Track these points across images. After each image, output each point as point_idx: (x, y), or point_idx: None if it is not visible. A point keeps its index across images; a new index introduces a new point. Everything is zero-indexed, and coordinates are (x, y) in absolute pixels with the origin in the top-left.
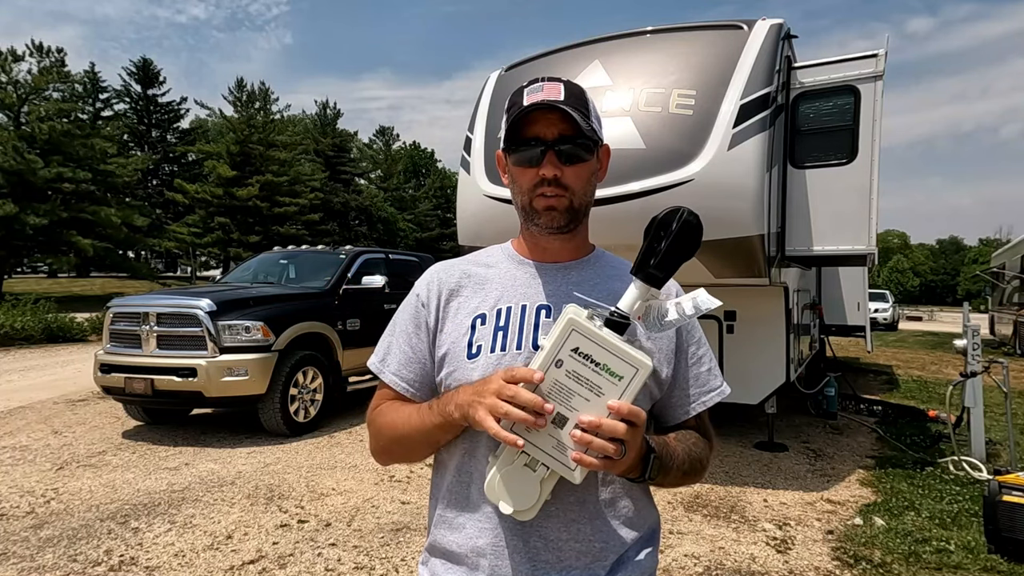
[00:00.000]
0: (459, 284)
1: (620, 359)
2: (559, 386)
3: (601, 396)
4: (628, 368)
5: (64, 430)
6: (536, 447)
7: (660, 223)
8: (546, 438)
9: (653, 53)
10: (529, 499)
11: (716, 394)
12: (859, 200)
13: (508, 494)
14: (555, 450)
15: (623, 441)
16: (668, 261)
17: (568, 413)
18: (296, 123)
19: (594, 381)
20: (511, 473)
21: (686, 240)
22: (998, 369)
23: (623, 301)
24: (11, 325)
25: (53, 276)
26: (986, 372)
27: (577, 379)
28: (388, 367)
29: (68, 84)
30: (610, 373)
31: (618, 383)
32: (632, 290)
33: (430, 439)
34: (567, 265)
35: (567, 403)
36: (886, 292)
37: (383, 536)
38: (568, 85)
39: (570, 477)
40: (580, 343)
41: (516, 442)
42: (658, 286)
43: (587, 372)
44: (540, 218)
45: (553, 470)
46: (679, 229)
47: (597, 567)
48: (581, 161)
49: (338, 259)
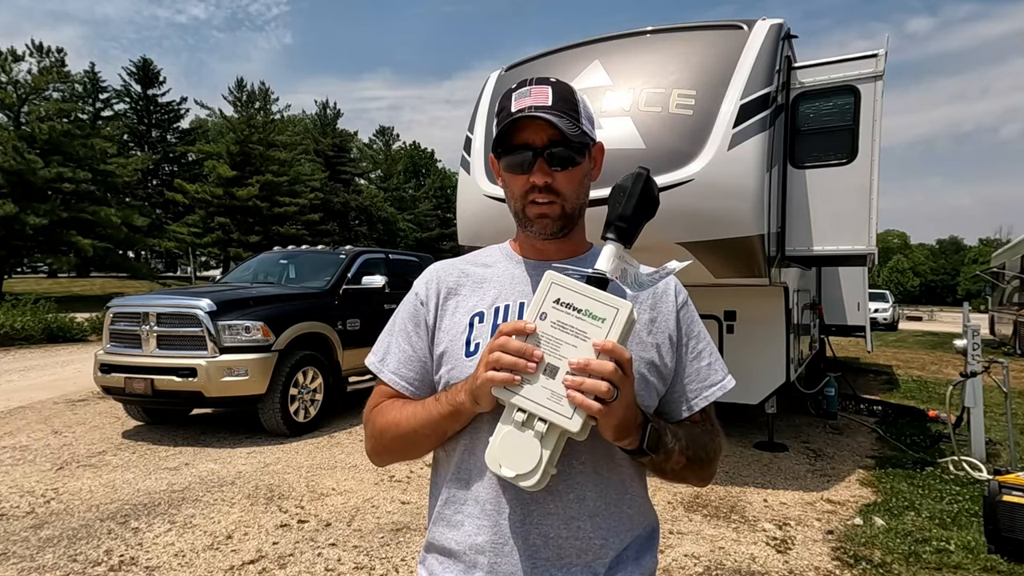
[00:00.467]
0: (457, 283)
1: (600, 302)
2: (546, 337)
3: (587, 340)
4: (608, 310)
5: (64, 430)
6: (531, 400)
7: (618, 186)
8: (540, 390)
9: (653, 53)
10: (529, 461)
11: (718, 388)
12: (859, 200)
13: (507, 457)
14: (550, 401)
15: (614, 384)
16: (632, 214)
17: (558, 362)
18: (296, 123)
19: (578, 327)
20: (510, 435)
21: (645, 194)
22: (998, 369)
23: (599, 261)
24: (11, 325)
25: (53, 276)
26: (986, 372)
27: (562, 327)
28: (387, 366)
29: (68, 84)
30: (592, 317)
31: (601, 325)
32: (606, 249)
33: (437, 431)
34: (563, 263)
35: (556, 352)
36: (886, 292)
37: (383, 536)
38: (556, 87)
39: (568, 426)
40: (561, 294)
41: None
42: (627, 242)
43: (570, 320)
44: (533, 226)
45: (551, 423)
46: (635, 183)
47: (597, 565)
48: (572, 165)
49: (338, 259)
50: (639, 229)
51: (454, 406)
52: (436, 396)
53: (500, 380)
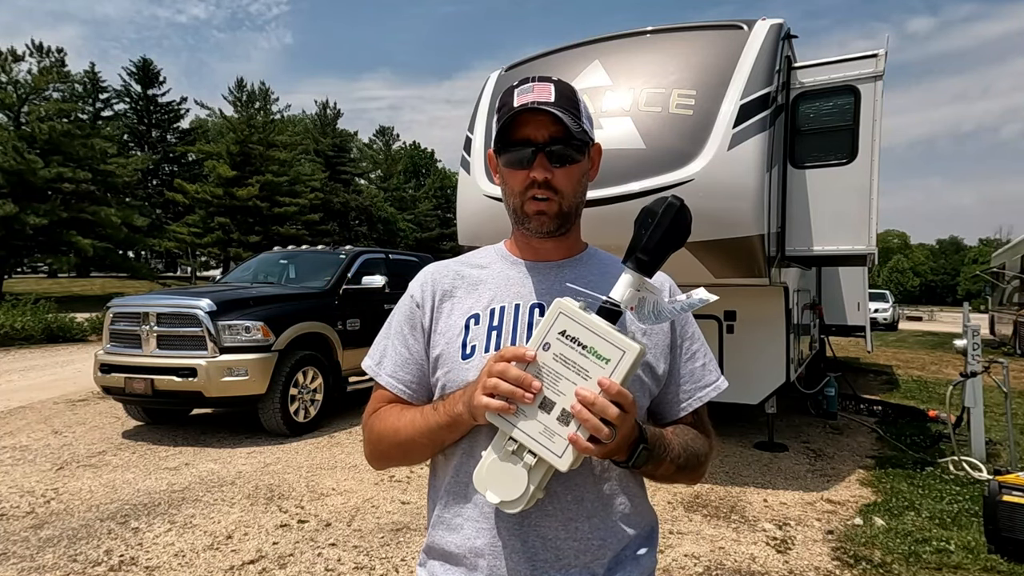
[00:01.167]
0: (453, 285)
1: (607, 342)
2: (547, 369)
3: (588, 380)
4: (615, 351)
5: (64, 430)
6: (523, 432)
7: (647, 210)
8: (533, 423)
9: (653, 53)
10: (516, 489)
11: (711, 389)
12: (859, 200)
13: (494, 482)
14: (542, 436)
15: (614, 426)
16: (656, 246)
17: (555, 397)
18: (296, 123)
19: (581, 364)
20: (499, 462)
21: (674, 226)
22: (998, 369)
23: (615, 290)
24: (11, 325)
25: (53, 276)
26: (986, 372)
27: (564, 362)
28: (384, 369)
29: (68, 84)
30: (597, 356)
31: (605, 366)
32: (623, 279)
33: (435, 440)
34: (560, 264)
35: (554, 386)
36: (886, 292)
37: (383, 536)
38: (558, 85)
39: (556, 464)
40: (567, 326)
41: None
42: (647, 273)
43: (574, 355)
44: (531, 222)
45: (540, 457)
46: (664, 213)
47: (596, 565)
48: (572, 162)
49: (338, 259)
50: (662, 262)
51: (451, 417)
52: (434, 405)
53: (496, 407)
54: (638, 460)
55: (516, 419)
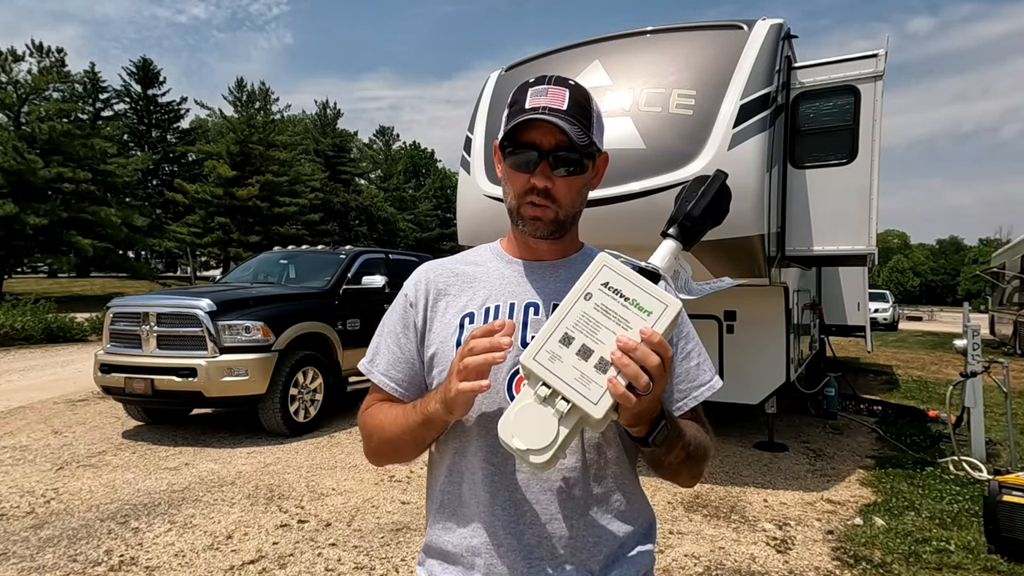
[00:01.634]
0: (447, 283)
1: (650, 295)
2: (586, 318)
3: (629, 330)
4: (658, 304)
5: (64, 430)
6: (558, 378)
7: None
8: (570, 369)
9: (653, 53)
10: (544, 437)
11: (706, 388)
12: (859, 200)
13: (521, 429)
14: (577, 382)
15: (651, 377)
16: (701, 215)
17: (594, 345)
18: (296, 123)
19: (622, 315)
20: (528, 408)
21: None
22: (998, 369)
23: (655, 256)
24: (11, 325)
25: (53, 276)
26: (986, 372)
27: (605, 312)
28: (377, 367)
29: (68, 84)
30: (639, 308)
31: (647, 318)
32: (664, 245)
33: (416, 438)
34: (555, 264)
35: (594, 335)
36: (886, 292)
37: (383, 536)
38: (574, 91)
39: (590, 411)
40: (610, 278)
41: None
42: (688, 242)
43: (616, 306)
44: (526, 225)
45: (574, 404)
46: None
47: (592, 562)
48: (575, 173)
49: (338, 259)
50: (703, 233)
51: (425, 415)
52: (414, 403)
53: (470, 389)
54: (658, 436)
55: (551, 364)
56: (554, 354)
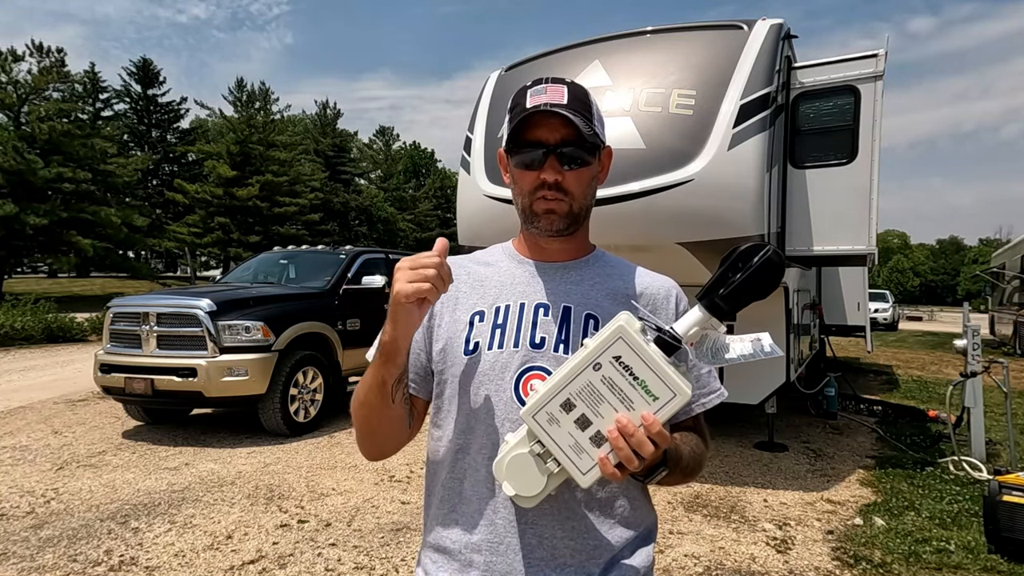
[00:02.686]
0: (459, 281)
1: (660, 380)
2: (591, 388)
3: (631, 410)
4: (666, 391)
5: (64, 430)
6: (554, 442)
7: (741, 254)
8: (565, 435)
9: (653, 53)
10: (533, 488)
11: (716, 396)
12: (859, 200)
13: (512, 476)
14: (571, 449)
15: (644, 459)
16: (737, 295)
17: (593, 418)
18: (296, 123)
19: (627, 393)
20: (523, 458)
21: (763, 278)
22: (998, 369)
23: (680, 323)
24: (11, 325)
25: (53, 276)
26: (986, 372)
27: (611, 387)
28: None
29: (68, 84)
30: (646, 391)
31: (652, 403)
32: (692, 314)
33: (380, 385)
34: (567, 265)
35: (595, 408)
36: (886, 292)
37: (383, 536)
38: (572, 87)
39: (578, 480)
40: (623, 352)
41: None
42: (721, 317)
43: (623, 383)
44: (539, 221)
45: (563, 467)
46: (759, 264)
47: (591, 565)
48: (583, 165)
49: (338, 259)
50: (739, 310)
51: (379, 348)
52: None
53: (413, 291)
54: (654, 478)
55: (549, 426)
56: (553, 417)
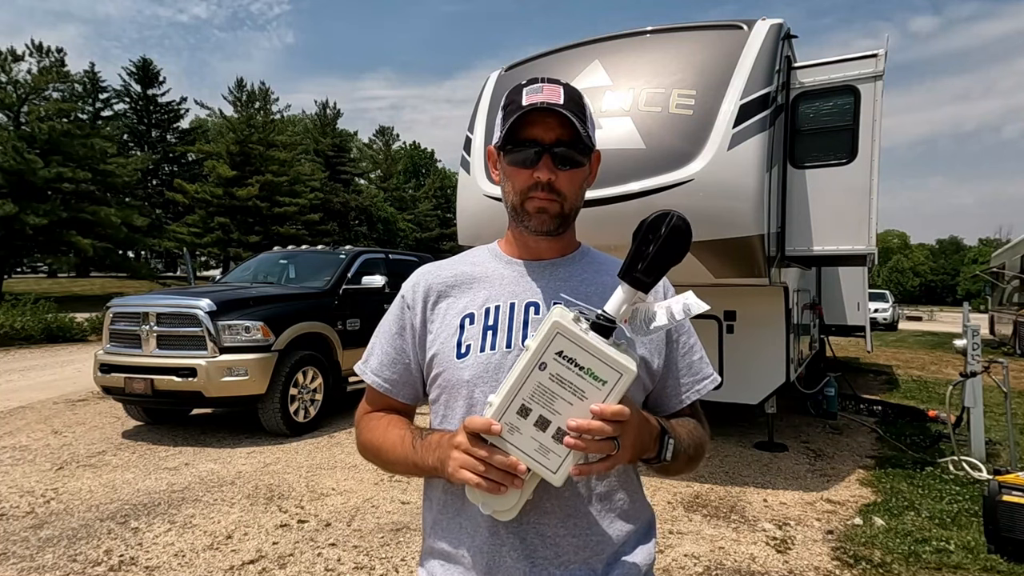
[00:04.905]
0: (446, 285)
1: (604, 363)
2: (542, 389)
3: (584, 400)
4: (612, 373)
5: (64, 430)
6: (518, 449)
7: (649, 226)
8: (528, 440)
9: (653, 53)
10: (507, 501)
11: (709, 382)
12: (859, 200)
13: (487, 495)
14: (537, 452)
15: (615, 437)
16: (655, 265)
17: (551, 416)
18: (296, 123)
19: (577, 385)
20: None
21: (674, 245)
22: (998, 369)
23: (610, 304)
24: (11, 325)
25: (53, 276)
26: (986, 372)
27: (560, 382)
28: (369, 367)
29: (68, 84)
30: (593, 377)
31: (602, 388)
32: (619, 293)
33: (411, 471)
34: (554, 262)
35: (550, 406)
36: (886, 292)
37: (383, 536)
38: (567, 89)
39: (551, 479)
40: (564, 346)
41: (499, 490)
42: (644, 290)
43: (571, 376)
44: (531, 220)
45: (534, 472)
46: (668, 234)
47: (595, 561)
48: (576, 166)
49: (338, 259)
50: (659, 280)
51: (425, 466)
52: (413, 440)
53: (474, 484)
54: (667, 451)
55: (511, 437)
56: (512, 426)
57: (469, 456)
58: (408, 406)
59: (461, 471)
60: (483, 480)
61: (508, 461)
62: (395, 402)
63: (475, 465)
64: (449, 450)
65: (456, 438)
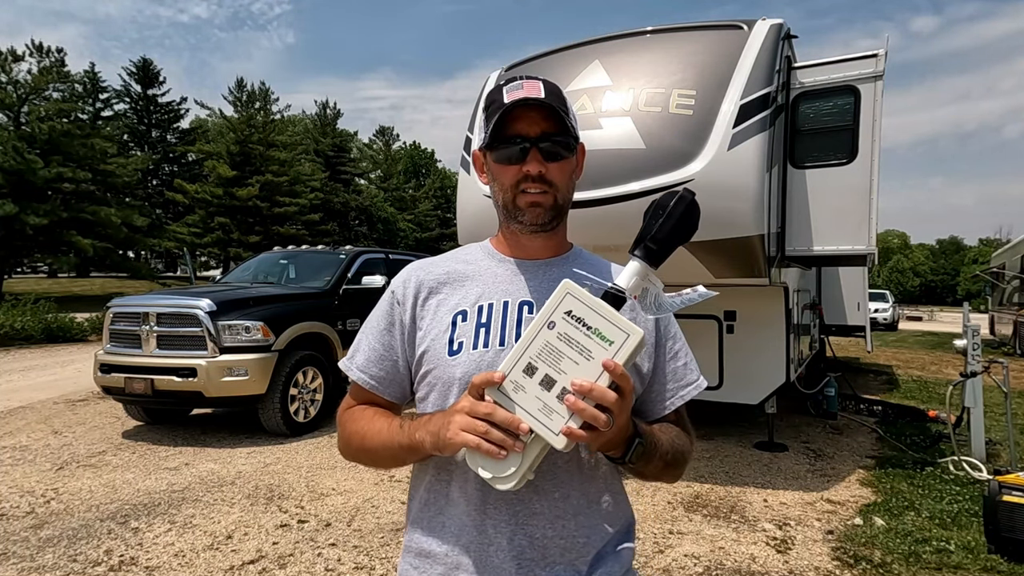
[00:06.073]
0: (438, 281)
1: (612, 324)
2: (549, 347)
3: (591, 360)
4: (619, 334)
5: (64, 430)
6: (522, 408)
7: (659, 203)
8: (532, 400)
9: (653, 53)
10: (509, 465)
11: (693, 388)
12: (859, 200)
13: (487, 458)
14: (540, 412)
15: (611, 412)
16: (666, 237)
17: (557, 376)
18: (296, 123)
19: (584, 344)
20: None
21: (685, 218)
22: (998, 369)
23: (621, 277)
24: (11, 325)
25: (53, 276)
26: (986, 372)
27: (568, 341)
28: (355, 363)
29: (68, 84)
30: (601, 337)
31: (608, 348)
32: (630, 266)
33: (396, 458)
34: (548, 262)
35: (556, 365)
36: (886, 292)
37: (383, 536)
38: (547, 84)
39: (553, 441)
40: (574, 306)
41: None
42: (655, 263)
43: (578, 335)
44: (524, 215)
45: (537, 434)
46: (676, 205)
47: (580, 562)
48: (563, 158)
49: (338, 259)
50: (670, 253)
51: (412, 442)
52: (401, 422)
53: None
54: (634, 455)
55: (516, 395)
56: (518, 384)
57: (470, 417)
58: (394, 404)
59: (461, 433)
60: (483, 441)
61: (510, 417)
62: (380, 399)
63: (476, 426)
64: (450, 415)
65: (459, 403)
